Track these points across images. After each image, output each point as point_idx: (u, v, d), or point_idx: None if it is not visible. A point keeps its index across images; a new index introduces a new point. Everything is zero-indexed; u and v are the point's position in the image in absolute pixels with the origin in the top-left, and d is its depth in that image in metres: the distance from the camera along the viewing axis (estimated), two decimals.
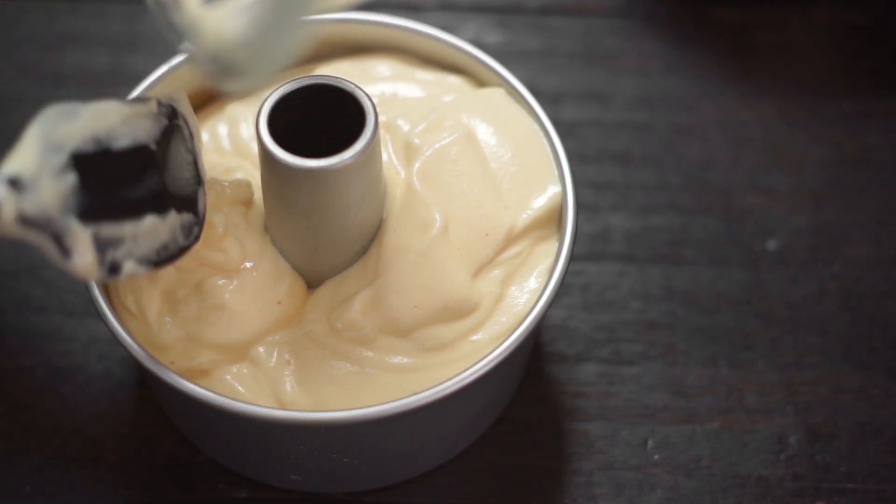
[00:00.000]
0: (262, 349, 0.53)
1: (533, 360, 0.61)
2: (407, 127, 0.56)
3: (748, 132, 0.68)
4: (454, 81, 0.59)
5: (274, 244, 0.54)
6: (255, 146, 0.55)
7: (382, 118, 0.56)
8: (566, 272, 0.54)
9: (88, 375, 0.60)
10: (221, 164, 0.56)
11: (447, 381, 0.51)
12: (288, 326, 0.54)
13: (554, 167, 0.56)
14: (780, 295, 0.63)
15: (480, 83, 0.59)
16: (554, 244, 0.55)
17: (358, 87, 0.52)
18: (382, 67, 0.59)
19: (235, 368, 0.53)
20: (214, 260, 0.53)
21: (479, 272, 0.54)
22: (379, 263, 0.54)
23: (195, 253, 0.53)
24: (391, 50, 0.60)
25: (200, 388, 0.51)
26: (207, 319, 0.53)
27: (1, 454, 0.58)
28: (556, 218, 0.56)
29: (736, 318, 0.62)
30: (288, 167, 0.51)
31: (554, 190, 0.56)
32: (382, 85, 0.59)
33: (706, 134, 0.68)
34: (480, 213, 0.54)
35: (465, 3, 0.72)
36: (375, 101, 0.53)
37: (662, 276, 0.63)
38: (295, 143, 0.52)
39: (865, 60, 0.70)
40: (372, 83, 0.58)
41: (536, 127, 0.57)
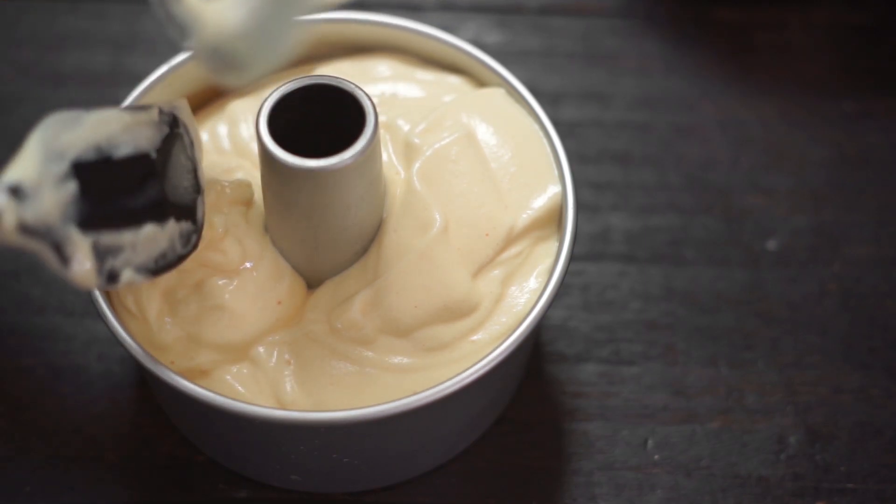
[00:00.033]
0: (262, 349, 0.53)
1: (533, 360, 0.61)
2: (407, 127, 0.56)
3: (748, 132, 0.68)
4: (454, 81, 0.59)
5: (274, 244, 0.54)
6: (255, 146, 0.55)
7: (382, 118, 0.56)
8: (566, 272, 0.54)
9: (88, 375, 0.60)
10: (221, 164, 0.56)
11: (447, 381, 0.51)
12: (288, 326, 0.54)
13: (554, 167, 0.56)
14: (780, 295, 0.63)
15: (480, 83, 0.59)
16: (554, 244, 0.55)
17: (358, 87, 0.52)
18: (382, 67, 0.59)
19: (235, 368, 0.53)
20: (214, 260, 0.53)
21: (479, 272, 0.54)
22: (379, 263, 0.54)
23: (195, 254, 0.53)
24: (391, 50, 0.60)
25: (200, 388, 0.51)
26: (207, 319, 0.53)
27: (1, 454, 0.58)
28: (556, 218, 0.56)
29: (736, 318, 0.62)
30: (288, 167, 0.51)
31: (554, 190, 0.56)
32: (382, 85, 0.59)
33: (706, 134, 0.68)
34: (480, 213, 0.54)
35: (465, 3, 0.72)
36: (375, 101, 0.53)
37: (662, 276, 0.63)
38: (295, 143, 0.52)
39: (865, 60, 0.70)
40: (372, 83, 0.58)
41: (536, 127, 0.57)
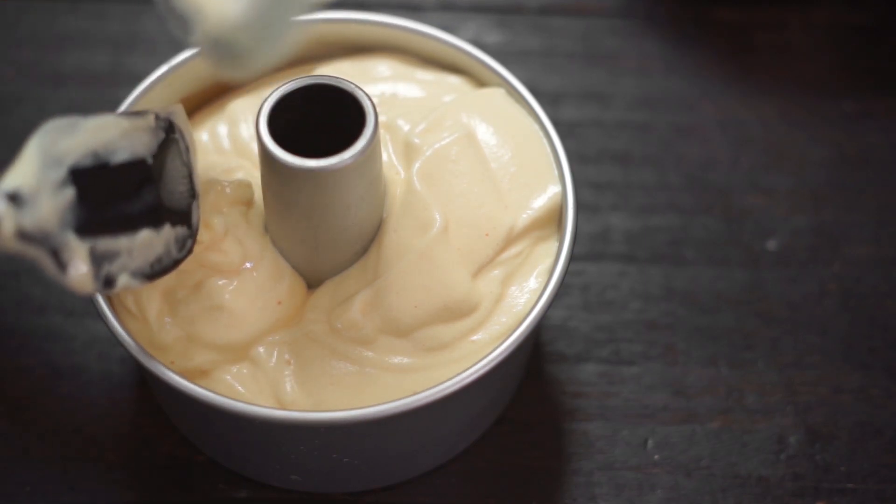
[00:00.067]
0: (262, 349, 0.53)
1: (533, 360, 0.61)
2: (407, 127, 0.56)
3: (748, 132, 0.68)
4: (454, 81, 0.59)
5: (274, 244, 0.54)
6: (255, 146, 0.55)
7: (382, 118, 0.56)
8: (566, 272, 0.54)
9: (88, 375, 0.60)
10: (221, 164, 0.56)
11: (447, 381, 0.51)
12: (288, 326, 0.54)
13: (554, 167, 0.56)
14: (780, 295, 0.63)
15: (480, 83, 0.59)
16: (554, 244, 0.55)
17: (358, 87, 0.52)
18: (382, 67, 0.59)
19: (235, 368, 0.53)
20: (215, 261, 0.53)
21: (479, 272, 0.54)
22: (379, 263, 0.54)
23: (196, 254, 0.53)
24: (391, 50, 0.60)
25: (200, 388, 0.51)
26: (207, 319, 0.53)
27: (1, 454, 0.58)
28: (556, 218, 0.56)
29: (736, 318, 0.62)
30: (288, 167, 0.51)
31: (554, 190, 0.56)
32: (382, 85, 0.59)
33: (706, 134, 0.68)
34: (480, 213, 0.54)
35: (465, 3, 0.72)
36: (375, 101, 0.53)
37: (662, 276, 0.63)
38: (295, 143, 0.52)
39: (865, 60, 0.70)
40: (372, 83, 0.58)
41: (536, 127, 0.57)
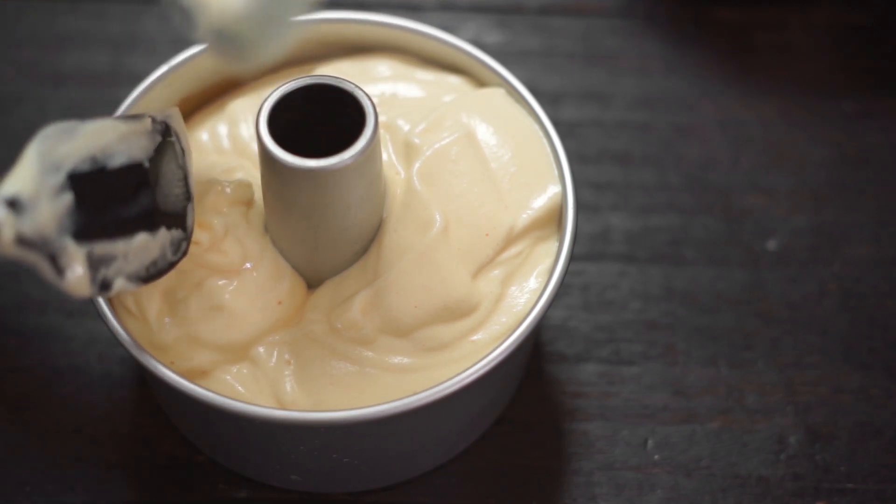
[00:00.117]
0: (262, 349, 0.53)
1: (533, 360, 0.61)
2: (407, 127, 0.56)
3: (748, 132, 0.68)
4: (454, 81, 0.59)
5: (274, 244, 0.54)
6: (255, 146, 0.55)
7: (382, 118, 0.56)
8: (566, 272, 0.54)
9: (88, 375, 0.60)
10: (221, 164, 0.56)
11: (447, 381, 0.51)
12: (288, 326, 0.54)
13: (554, 167, 0.56)
14: (780, 295, 0.63)
15: (480, 83, 0.59)
16: (554, 244, 0.55)
17: (358, 87, 0.52)
18: (382, 67, 0.59)
19: (235, 368, 0.53)
20: (215, 261, 0.53)
21: (479, 272, 0.54)
22: (379, 263, 0.54)
23: (196, 254, 0.53)
24: (391, 50, 0.60)
25: (200, 388, 0.51)
26: (207, 320, 0.53)
27: (1, 454, 0.58)
28: (556, 218, 0.56)
29: (736, 318, 0.62)
30: (288, 167, 0.51)
31: (554, 190, 0.56)
32: (382, 85, 0.59)
33: (706, 134, 0.68)
34: (480, 213, 0.54)
35: (465, 3, 0.72)
36: (375, 101, 0.53)
37: (662, 276, 0.63)
38: (295, 143, 0.52)
39: (865, 60, 0.70)
40: (372, 83, 0.58)
41: (536, 127, 0.57)
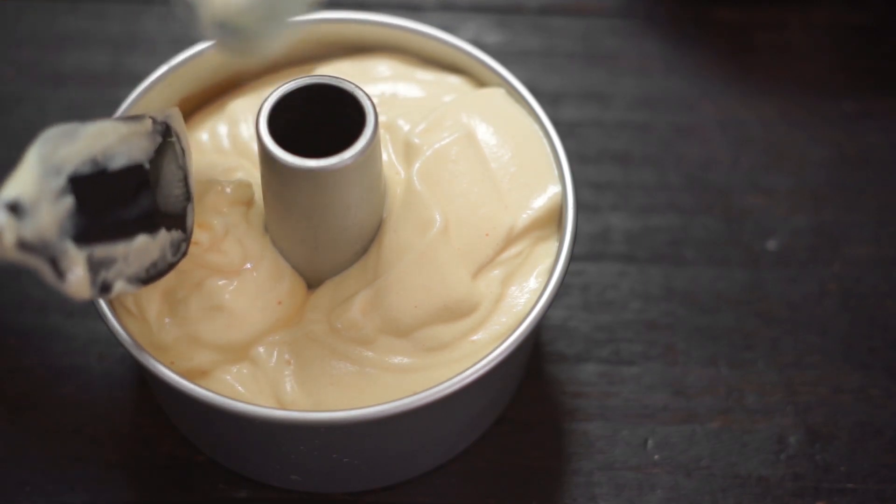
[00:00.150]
0: (262, 349, 0.53)
1: (533, 360, 0.61)
2: (407, 127, 0.56)
3: (748, 132, 0.68)
4: (454, 81, 0.59)
5: (274, 244, 0.54)
6: (255, 146, 0.55)
7: (382, 118, 0.56)
8: (566, 272, 0.54)
9: (88, 375, 0.60)
10: (221, 164, 0.56)
11: (447, 381, 0.51)
12: (288, 326, 0.54)
13: (554, 167, 0.56)
14: (780, 295, 0.63)
15: (480, 83, 0.59)
16: (554, 244, 0.55)
17: (358, 87, 0.52)
18: (382, 67, 0.59)
19: (235, 368, 0.53)
20: (215, 262, 0.53)
21: (479, 272, 0.54)
22: (379, 263, 0.54)
23: (196, 255, 0.53)
24: (391, 50, 0.60)
25: (200, 388, 0.51)
26: (207, 320, 0.53)
27: (1, 454, 0.58)
28: (556, 218, 0.56)
29: (736, 318, 0.62)
30: (288, 167, 0.51)
31: (554, 190, 0.56)
32: (382, 85, 0.59)
33: (706, 134, 0.68)
34: (480, 213, 0.54)
35: (465, 3, 0.72)
36: (375, 101, 0.53)
37: (662, 276, 0.63)
38: (295, 143, 0.52)
39: (865, 60, 0.70)
40: (372, 83, 0.58)
41: (536, 127, 0.57)
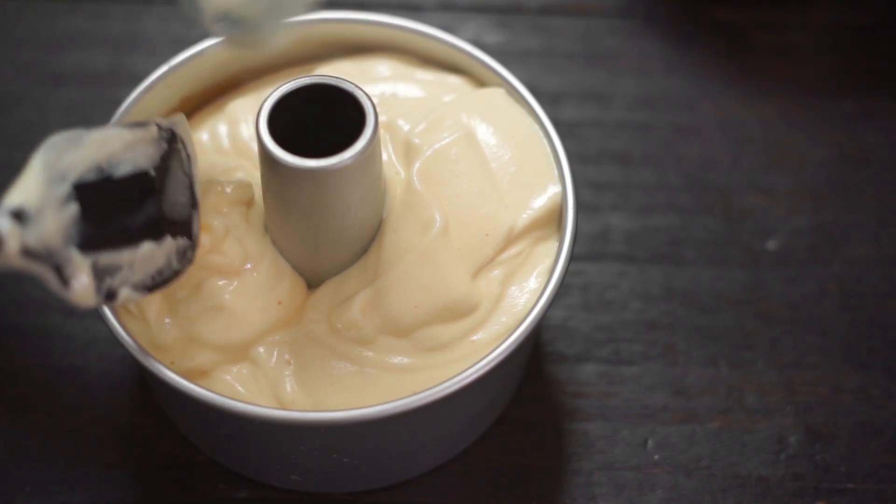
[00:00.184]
0: (262, 349, 0.53)
1: (533, 360, 0.61)
2: (407, 127, 0.56)
3: (748, 132, 0.68)
4: (454, 81, 0.59)
5: (274, 244, 0.54)
6: (255, 146, 0.55)
7: (382, 118, 0.56)
8: (566, 272, 0.54)
9: (88, 375, 0.60)
10: (221, 164, 0.56)
11: (447, 381, 0.51)
12: (288, 326, 0.54)
13: (554, 167, 0.56)
14: (780, 295, 0.63)
15: (480, 83, 0.59)
16: (554, 244, 0.55)
17: (358, 87, 0.52)
18: (382, 67, 0.59)
19: (235, 369, 0.53)
20: (216, 263, 0.53)
21: (479, 272, 0.54)
22: (379, 263, 0.54)
23: (197, 257, 0.53)
24: (391, 50, 0.60)
25: (200, 388, 0.51)
26: (207, 320, 0.53)
27: (1, 454, 0.58)
28: (556, 218, 0.56)
29: (736, 318, 0.62)
30: (288, 167, 0.51)
31: (554, 190, 0.56)
32: (382, 85, 0.59)
33: (706, 134, 0.68)
34: (480, 213, 0.54)
35: (465, 3, 0.72)
36: (375, 101, 0.53)
37: (662, 276, 0.63)
38: (295, 143, 0.52)
39: (865, 60, 0.70)
40: (372, 83, 0.58)
41: (536, 127, 0.57)
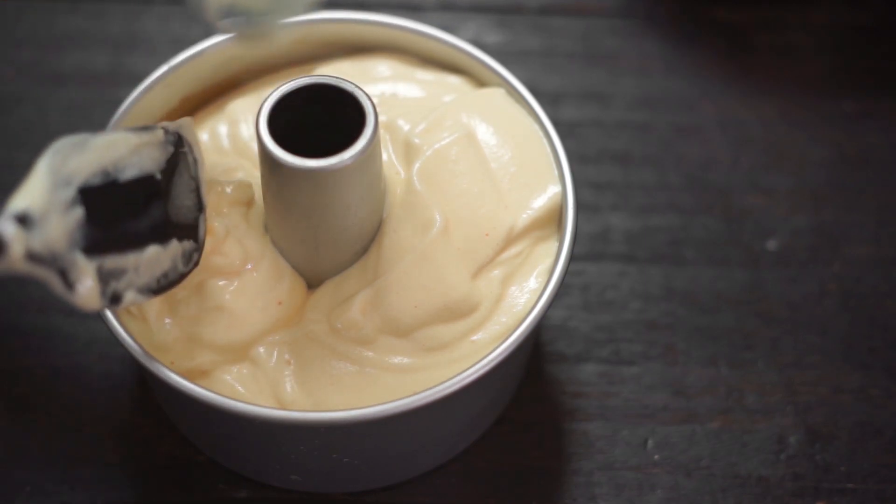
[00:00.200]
0: (262, 349, 0.53)
1: (533, 360, 0.61)
2: (407, 127, 0.56)
3: (748, 132, 0.68)
4: (454, 81, 0.59)
5: (274, 244, 0.54)
6: (255, 146, 0.55)
7: (382, 118, 0.56)
8: (566, 272, 0.54)
9: (88, 375, 0.60)
10: (221, 164, 0.56)
11: (447, 381, 0.51)
12: (288, 326, 0.54)
13: (554, 167, 0.56)
14: (780, 295, 0.63)
15: (480, 83, 0.59)
16: (554, 244, 0.55)
17: (358, 87, 0.52)
18: (382, 67, 0.59)
19: (235, 369, 0.53)
20: (216, 264, 0.53)
21: (479, 272, 0.54)
22: (379, 263, 0.54)
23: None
24: (391, 50, 0.60)
25: (200, 388, 0.51)
26: (207, 320, 0.53)
27: (1, 454, 0.58)
28: (556, 218, 0.56)
29: (736, 318, 0.62)
30: (288, 167, 0.51)
31: (554, 190, 0.56)
32: (382, 85, 0.59)
33: (706, 134, 0.68)
34: (480, 213, 0.54)
35: (465, 3, 0.72)
36: (375, 101, 0.53)
37: (662, 276, 0.63)
38: (295, 143, 0.52)
39: (865, 60, 0.70)
40: (372, 83, 0.58)
41: (536, 127, 0.57)
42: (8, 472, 0.58)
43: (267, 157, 0.51)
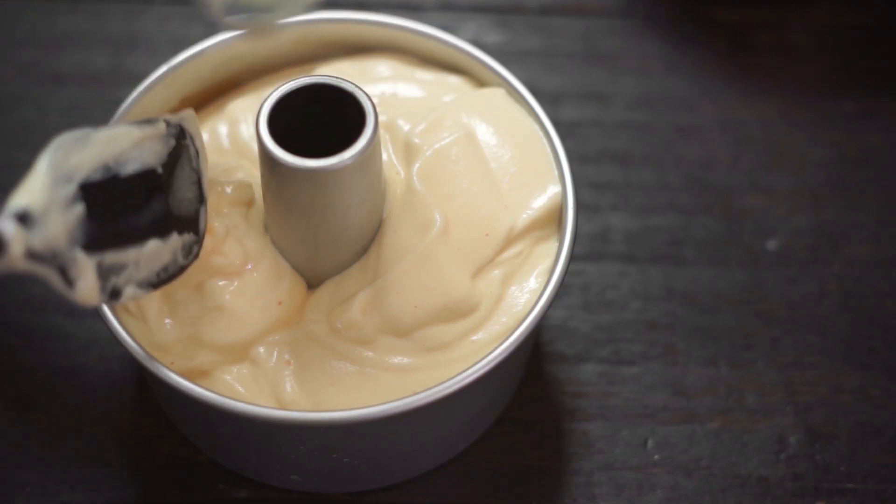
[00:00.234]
0: (262, 349, 0.53)
1: (533, 360, 0.61)
2: (407, 127, 0.56)
3: (748, 132, 0.68)
4: (454, 81, 0.59)
5: (274, 244, 0.54)
6: (254, 146, 0.55)
7: (382, 118, 0.56)
8: (566, 272, 0.54)
9: (88, 375, 0.60)
10: (221, 164, 0.56)
11: (447, 381, 0.51)
12: (288, 326, 0.54)
13: (554, 167, 0.56)
14: (780, 295, 0.63)
15: (480, 83, 0.59)
16: (554, 244, 0.55)
17: (358, 87, 0.52)
18: (382, 67, 0.59)
19: (235, 369, 0.53)
20: (216, 264, 0.53)
21: (479, 272, 0.54)
22: (379, 263, 0.54)
23: (198, 258, 0.53)
24: (391, 50, 0.60)
25: (200, 388, 0.51)
26: (208, 320, 0.53)
27: (1, 454, 0.58)
28: (556, 218, 0.56)
29: (736, 318, 0.62)
30: (288, 167, 0.51)
31: (554, 190, 0.56)
32: (382, 85, 0.59)
33: (706, 134, 0.68)
34: (480, 213, 0.54)
35: (465, 3, 0.72)
36: (375, 101, 0.53)
37: (662, 276, 0.63)
38: (295, 143, 0.52)
39: (865, 60, 0.70)
40: (372, 83, 0.58)
41: (536, 127, 0.57)
42: (8, 472, 0.58)
43: (267, 157, 0.51)
